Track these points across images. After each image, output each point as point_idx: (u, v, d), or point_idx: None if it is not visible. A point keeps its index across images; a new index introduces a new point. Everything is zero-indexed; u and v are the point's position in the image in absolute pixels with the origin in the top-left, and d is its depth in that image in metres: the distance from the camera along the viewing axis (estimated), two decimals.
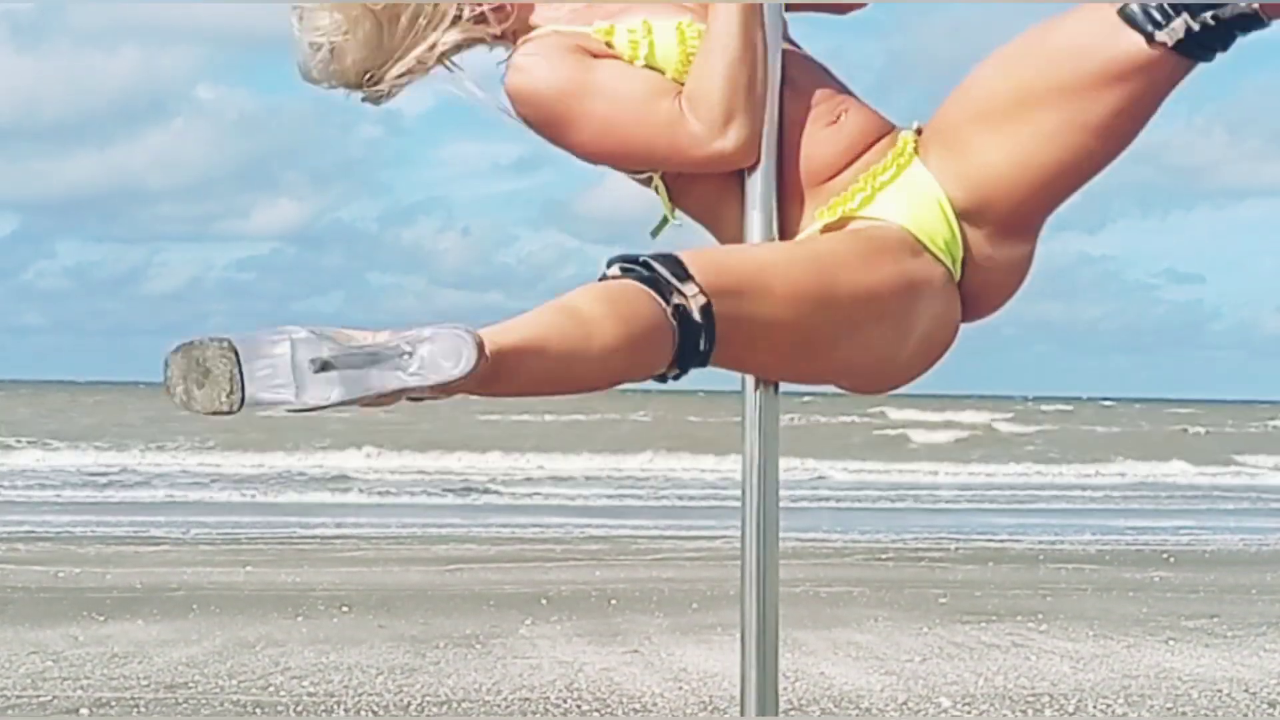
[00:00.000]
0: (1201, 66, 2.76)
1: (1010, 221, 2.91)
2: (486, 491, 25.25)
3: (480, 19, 3.00)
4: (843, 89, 3.02)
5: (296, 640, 10.29)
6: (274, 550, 15.60)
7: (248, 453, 32.74)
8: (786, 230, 2.93)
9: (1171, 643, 10.65)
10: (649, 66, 2.92)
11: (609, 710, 8.47)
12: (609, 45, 2.94)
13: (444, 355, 2.41)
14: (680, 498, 24.47)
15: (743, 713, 2.82)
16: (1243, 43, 2.74)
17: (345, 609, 11.53)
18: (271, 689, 8.87)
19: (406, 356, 2.41)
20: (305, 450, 32.74)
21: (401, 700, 8.63)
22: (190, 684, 8.94)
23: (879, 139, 2.96)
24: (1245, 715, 8.66)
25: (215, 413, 2.41)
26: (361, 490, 25.07)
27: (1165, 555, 16.06)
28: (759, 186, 2.91)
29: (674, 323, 2.62)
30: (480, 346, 2.41)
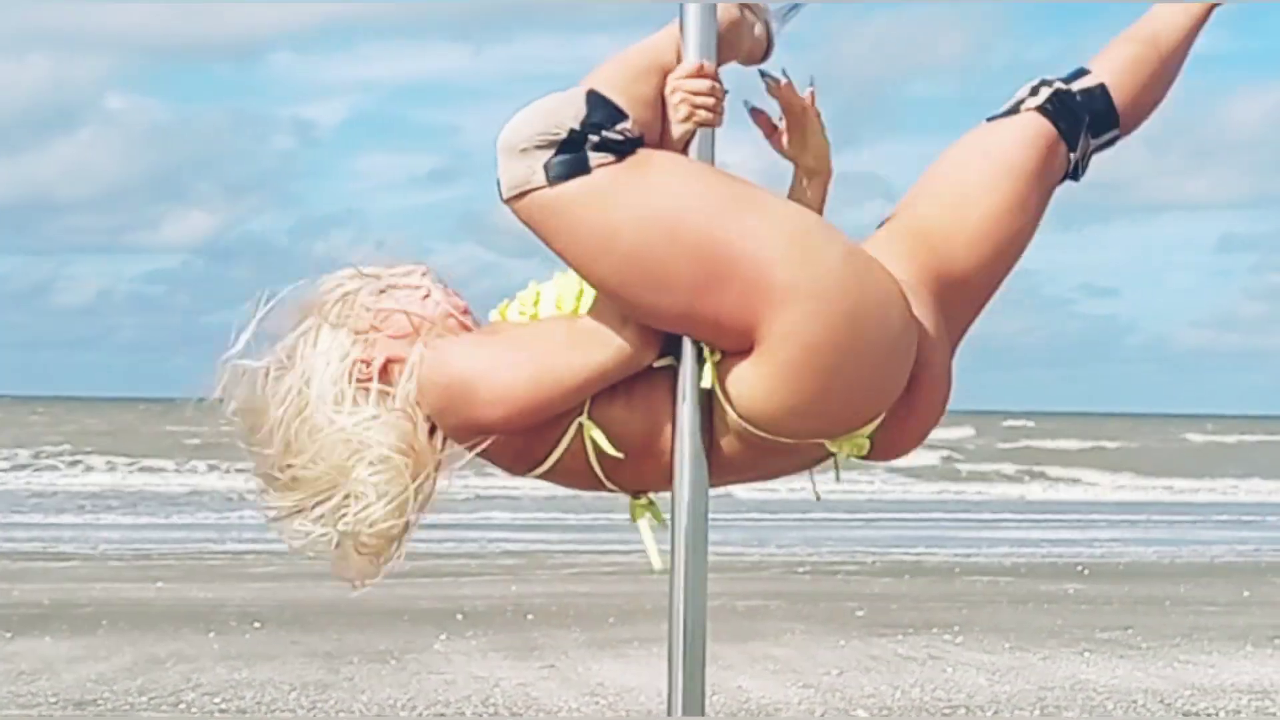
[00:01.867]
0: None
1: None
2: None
3: None
4: None
5: (208, 656, 10.16)
6: (185, 566, 15.44)
7: (160, 471, 32.45)
8: None
9: (1087, 654, 10.70)
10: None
11: None
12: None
13: None
14: (596, 513, 24.41)
15: (670, 712, 2.78)
16: None
17: (257, 625, 11.41)
18: (183, 705, 8.76)
19: None
20: (218, 471, 32.43)
21: (315, 717, 8.54)
22: (100, 701, 8.82)
23: None
24: None
25: None
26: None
27: (1080, 568, 16.17)
28: None
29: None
30: None
